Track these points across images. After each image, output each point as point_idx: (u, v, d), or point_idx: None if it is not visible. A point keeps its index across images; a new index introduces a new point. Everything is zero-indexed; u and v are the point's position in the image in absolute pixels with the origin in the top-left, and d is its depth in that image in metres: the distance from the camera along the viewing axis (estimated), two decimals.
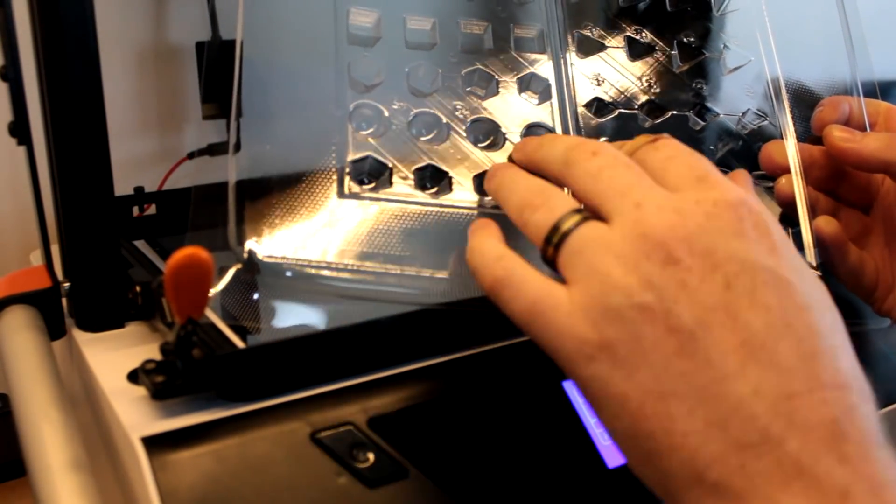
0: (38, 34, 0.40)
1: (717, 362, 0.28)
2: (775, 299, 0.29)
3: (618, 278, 0.29)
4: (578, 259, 0.31)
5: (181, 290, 0.33)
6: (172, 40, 0.71)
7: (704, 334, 0.28)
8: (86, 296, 0.44)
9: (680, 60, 0.50)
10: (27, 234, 0.68)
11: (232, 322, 0.40)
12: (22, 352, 0.39)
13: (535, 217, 0.33)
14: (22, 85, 0.43)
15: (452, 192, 0.43)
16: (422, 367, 0.40)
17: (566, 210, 0.32)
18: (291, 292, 0.41)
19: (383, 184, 0.42)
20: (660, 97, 0.49)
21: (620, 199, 0.31)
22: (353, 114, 0.43)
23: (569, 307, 0.30)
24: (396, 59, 0.45)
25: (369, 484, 0.35)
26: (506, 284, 0.32)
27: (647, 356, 0.29)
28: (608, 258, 0.30)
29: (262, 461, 0.34)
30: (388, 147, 0.43)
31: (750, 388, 0.28)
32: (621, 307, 0.29)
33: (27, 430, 0.35)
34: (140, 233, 0.60)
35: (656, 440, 0.29)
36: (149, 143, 0.72)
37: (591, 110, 0.48)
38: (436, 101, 0.45)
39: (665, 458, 0.29)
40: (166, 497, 0.32)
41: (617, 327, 0.29)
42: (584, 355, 0.30)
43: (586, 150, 0.33)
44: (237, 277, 0.39)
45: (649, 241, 0.30)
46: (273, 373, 0.37)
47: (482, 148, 0.45)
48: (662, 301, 0.29)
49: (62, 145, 0.41)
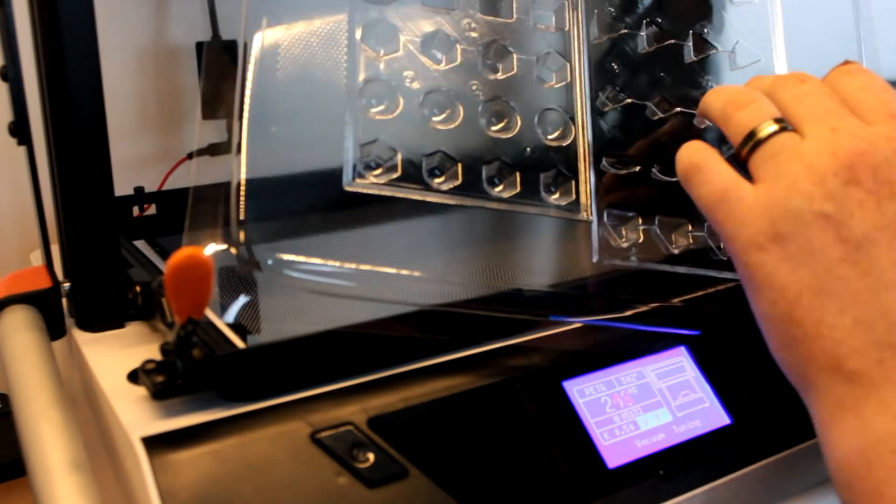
0: (38, 34, 0.40)
1: (876, 273, 0.33)
2: None
3: (803, 185, 0.34)
4: (771, 162, 0.35)
5: (181, 291, 0.33)
6: (172, 40, 0.71)
7: (870, 248, 0.33)
8: (86, 296, 0.44)
9: (693, 52, 0.50)
10: (27, 234, 0.68)
11: (232, 322, 0.40)
12: (22, 352, 0.39)
13: (739, 115, 0.37)
14: (22, 85, 0.43)
15: (460, 181, 0.43)
16: (422, 367, 0.40)
17: (768, 116, 0.36)
18: (291, 292, 0.41)
19: (391, 170, 0.41)
20: (670, 91, 0.49)
21: (819, 122, 0.35)
22: (364, 89, 0.42)
23: (752, 201, 0.35)
24: (412, 25, 0.44)
25: (369, 484, 0.35)
26: (700, 169, 0.37)
27: (814, 256, 0.33)
28: (798, 166, 0.34)
29: (262, 461, 0.34)
30: (398, 127, 0.42)
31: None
32: (801, 210, 0.34)
33: (27, 430, 0.35)
34: (140, 233, 0.60)
35: (804, 328, 0.33)
36: (149, 143, 0.72)
37: (603, 95, 0.48)
38: (451, 76, 0.44)
39: (808, 344, 0.33)
40: (166, 497, 0.32)
41: (793, 226, 0.34)
42: (757, 244, 0.34)
43: (795, 77, 0.38)
44: (238, 277, 0.38)
45: (838, 161, 0.34)
46: (273, 373, 0.37)
47: (495, 131, 0.44)
48: (840, 213, 0.33)
49: (62, 145, 0.41)
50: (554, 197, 0.44)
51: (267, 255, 0.38)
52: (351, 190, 0.40)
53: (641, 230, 0.46)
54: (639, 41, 0.49)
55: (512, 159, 0.44)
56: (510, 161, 0.44)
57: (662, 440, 0.41)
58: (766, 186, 0.35)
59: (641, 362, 0.43)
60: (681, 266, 0.45)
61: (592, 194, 0.45)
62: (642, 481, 0.39)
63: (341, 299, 0.40)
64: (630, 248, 0.45)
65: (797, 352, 0.34)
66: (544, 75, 0.46)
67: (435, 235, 0.42)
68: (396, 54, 0.43)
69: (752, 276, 0.35)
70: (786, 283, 0.34)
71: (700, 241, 0.46)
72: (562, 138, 0.46)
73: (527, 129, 0.45)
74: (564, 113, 0.46)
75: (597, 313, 0.43)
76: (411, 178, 0.42)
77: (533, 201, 0.44)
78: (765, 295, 0.35)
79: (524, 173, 0.44)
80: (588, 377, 0.41)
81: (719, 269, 0.45)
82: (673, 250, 0.45)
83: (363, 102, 0.42)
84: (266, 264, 0.37)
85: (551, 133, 0.46)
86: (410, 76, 0.43)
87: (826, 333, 0.33)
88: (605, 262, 0.44)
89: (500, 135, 0.44)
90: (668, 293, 0.45)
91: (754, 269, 0.35)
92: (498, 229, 0.55)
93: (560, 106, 0.46)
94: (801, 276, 0.34)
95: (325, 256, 0.39)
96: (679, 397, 0.42)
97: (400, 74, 0.43)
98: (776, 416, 0.43)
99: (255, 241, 0.38)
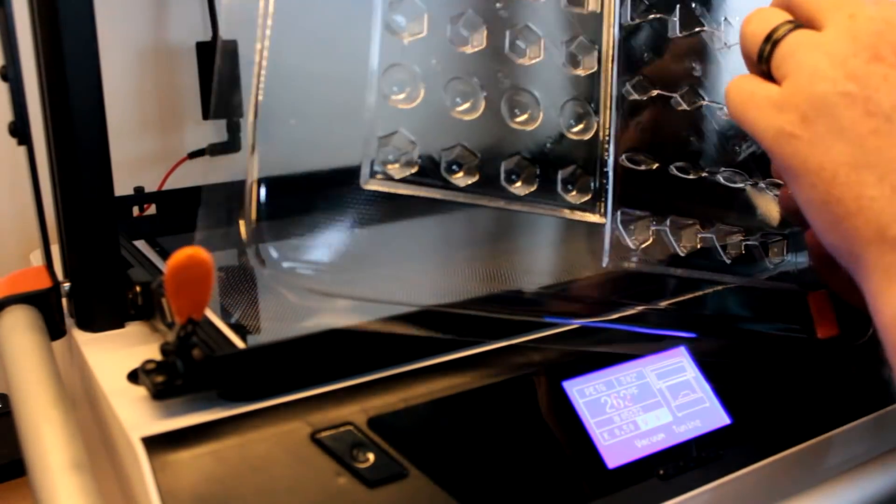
0: (38, 34, 0.40)
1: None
2: None
3: (825, 70, 0.35)
4: (790, 59, 0.36)
5: (181, 291, 0.33)
6: (172, 40, 0.71)
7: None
8: (86, 296, 0.44)
9: (724, 40, 0.49)
10: (27, 234, 0.68)
11: (232, 322, 0.40)
12: (22, 352, 0.39)
13: (750, 28, 0.38)
14: (22, 85, 0.43)
15: (478, 178, 0.41)
16: (422, 367, 0.40)
17: (780, 21, 0.37)
18: (297, 293, 0.40)
19: (409, 164, 0.40)
20: (697, 83, 0.48)
21: (836, 10, 0.36)
22: (385, 76, 0.40)
23: (778, 98, 0.36)
24: (438, 2, 0.41)
25: (369, 484, 0.35)
26: (732, 85, 0.38)
27: (845, 133, 0.34)
28: (818, 55, 0.35)
29: (262, 461, 0.34)
30: (419, 116, 0.40)
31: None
32: (826, 93, 0.34)
33: (27, 430, 0.35)
34: (140, 233, 0.60)
35: (846, 204, 0.34)
36: (149, 143, 0.72)
37: (630, 84, 0.46)
38: (476, 61, 0.42)
39: (853, 219, 0.34)
40: (166, 497, 0.32)
41: (819, 109, 0.34)
42: (787, 133, 0.35)
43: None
44: (239, 277, 0.38)
45: (859, 43, 0.34)
46: (273, 373, 0.37)
47: (518, 123, 0.43)
48: (864, 89, 0.34)
49: (62, 145, 0.41)
50: (571, 195, 0.44)
51: (279, 258, 0.37)
52: (368, 188, 0.39)
53: (652, 230, 0.45)
54: (671, 26, 0.48)
55: (532, 154, 0.43)
56: (529, 156, 0.43)
57: (662, 440, 0.41)
58: (789, 81, 0.36)
59: (641, 362, 0.43)
60: (682, 268, 0.45)
61: (609, 193, 0.45)
62: (642, 481, 0.39)
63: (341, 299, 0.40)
64: (637, 250, 0.45)
65: (842, 230, 0.34)
66: (571, 62, 0.45)
67: (443, 232, 0.41)
68: (421, 35, 0.41)
69: (789, 166, 0.36)
70: (821, 163, 0.34)
71: (707, 242, 0.46)
72: (584, 131, 0.45)
73: (549, 121, 0.44)
74: (588, 104, 0.45)
75: (590, 315, 0.43)
76: (429, 174, 0.41)
77: (549, 200, 0.43)
78: (804, 181, 0.35)
79: (543, 169, 0.43)
80: (588, 377, 0.41)
81: (722, 272, 0.45)
82: (680, 251, 0.45)
83: (384, 90, 0.40)
84: (279, 266, 0.36)
85: (574, 126, 0.45)
86: (434, 62, 0.41)
87: (867, 205, 0.34)
88: (615, 265, 0.44)
89: (523, 126, 0.43)
90: (667, 294, 0.45)
91: (789, 158, 0.35)
92: (502, 228, 0.54)
93: (585, 96, 0.45)
94: (834, 155, 0.34)
95: (337, 257, 0.38)
96: (679, 397, 0.42)
97: (423, 58, 0.41)
98: (776, 416, 0.43)
99: (268, 241, 0.37)
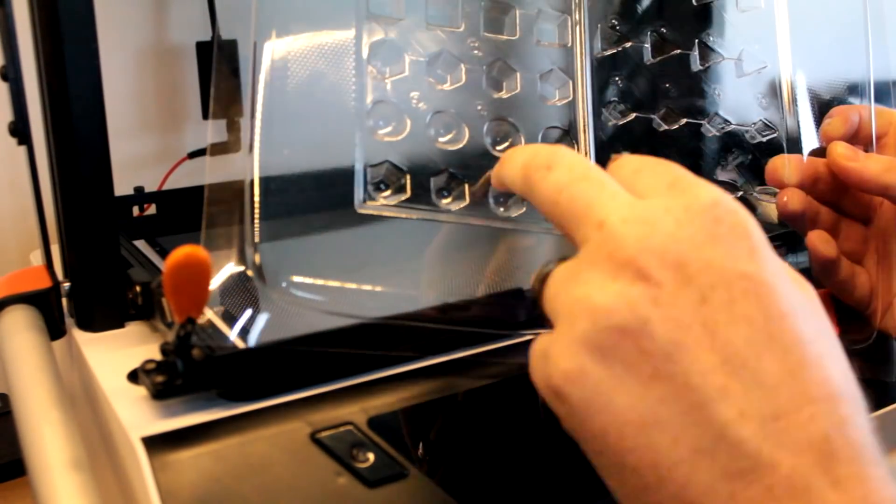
0: (38, 34, 0.40)
1: (698, 385, 0.26)
2: (756, 309, 0.27)
3: (586, 306, 0.27)
4: (554, 302, 0.29)
5: (180, 290, 0.33)
6: (172, 40, 0.71)
7: (681, 355, 0.26)
8: (86, 296, 0.44)
9: (699, 61, 0.49)
10: (27, 234, 0.68)
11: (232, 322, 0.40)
12: (22, 352, 0.39)
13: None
14: (22, 85, 0.43)
15: (467, 201, 0.43)
16: (422, 367, 0.40)
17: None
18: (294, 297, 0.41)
19: (399, 191, 0.42)
20: (676, 102, 0.49)
21: (582, 222, 0.29)
22: (372, 111, 0.42)
23: (550, 349, 0.29)
24: (418, 44, 0.43)
25: (369, 484, 0.35)
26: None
27: (623, 383, 0.27)
28: (577, 289, 0.28)
29: (262, 461, 0.34)
30: (406, 147, 0.42)
31: (735, 411, 0.26)
32: (588, 334, 0.27)
33: (27, 430, 0.35)
34: (140, 233, 0.60)
35: (643, 475, 0.27)
36: (149, 143, 0.72)
37: (608, 110, 0.47)
38: (456, 96, 0.43)
39: (654, 493, 0.27)
40: (166, 497, 0.32)
41: (589, 356, 0.27)
42: (556, 393, 0.28)
43: (540, 166, 0.31)
44: (240, 277, 0.38)
45: (616, 260, 0.27)
46: (273, 373, 0.37)
47: (500, 151, 0.44)
48: (635, 321, 0.27)
49: (62, 145, 0.41)
50: None
51: (281, 277, 0.37)
52: (362, 212, 0.41)
53: None
54: (643, 52, 0.49)
55: None
56: None
57: None
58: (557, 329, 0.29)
59: None
60: None
61: None
62: None
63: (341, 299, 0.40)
64: None
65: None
66: (547, 93, 0.46)
67: (448, 253, 0.42)
68: (402, 75, 0.42)
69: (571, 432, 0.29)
70: (602, 426, 0.27)
71: None
72: None
73: None
74: (565, 132, 0.46)
75: None
76: (420, 199, 0.42)
77: (537, 220, 0.44)
78: (588, 447, 0.28)
79: None
80: None
81: None
82: None
83: (371, 124, 0.42)
84: (280, 286, 0.37)
85: None
86: (416, 97, 0.43)
87: (668, 476, 0.26)
88: None
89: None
90: None
91: (566, 422, 0.29)
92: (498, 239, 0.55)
93: (563, 124, 0.46)
94: (616, 413, 0.27)
95: (340, 276, 0.38)
96: None
97: (406, 95, 0.42)
98: None
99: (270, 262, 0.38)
